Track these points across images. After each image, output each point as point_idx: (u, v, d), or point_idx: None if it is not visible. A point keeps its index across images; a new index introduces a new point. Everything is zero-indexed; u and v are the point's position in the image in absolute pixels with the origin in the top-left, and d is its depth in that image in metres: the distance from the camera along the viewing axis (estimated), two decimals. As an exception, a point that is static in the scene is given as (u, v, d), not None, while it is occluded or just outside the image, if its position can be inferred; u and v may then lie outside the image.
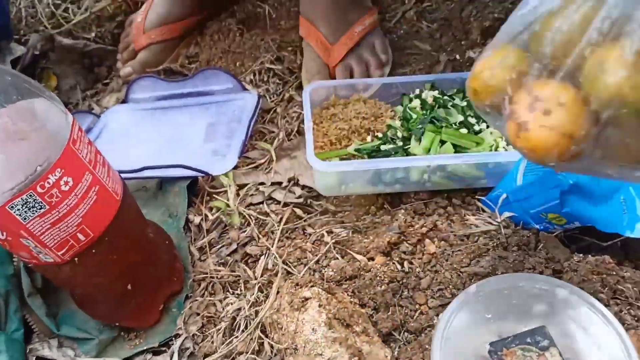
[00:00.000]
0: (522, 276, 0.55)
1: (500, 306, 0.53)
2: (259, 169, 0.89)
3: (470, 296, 0.54)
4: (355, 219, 0.80)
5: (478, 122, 0.81)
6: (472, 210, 0.78)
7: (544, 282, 0.54)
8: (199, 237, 0.84)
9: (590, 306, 0.52)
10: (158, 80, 1.02)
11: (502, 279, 0.54)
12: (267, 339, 0.65)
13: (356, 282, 0.70)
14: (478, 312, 0.53)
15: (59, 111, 0.57)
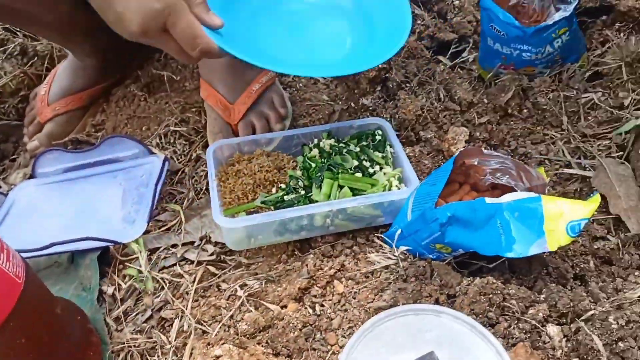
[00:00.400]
0: (410, 307, 0.59)
1: (393, 338, 0.57)
2: (171, 231, 0.90)
3: (365, 332, 0.57)
4: (268, 269, 0.83)
5: (372, 165, 0.87)
6: (375, 247, 0.83)
7: (430, 311, 0.58)
8: (114, 307, 0.83)
9: (472, 328, 0.57)
10: (64, 152, 1.03)
11: (392, 312, 0.58)
12: (183, 403, 0.65)
13: (270, 332, 0.73)
14: (373, 347, 0.56)
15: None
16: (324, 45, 0.81)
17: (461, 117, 0.96)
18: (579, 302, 0.68)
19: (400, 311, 0.59)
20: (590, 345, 0.62)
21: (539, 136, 0.92)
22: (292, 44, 0.81)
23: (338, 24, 0.83)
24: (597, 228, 0.81)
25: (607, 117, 0.87)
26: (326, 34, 0.83)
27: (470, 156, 0.78)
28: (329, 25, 0.83)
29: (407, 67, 1.01)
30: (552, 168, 0.89)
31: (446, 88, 0.99)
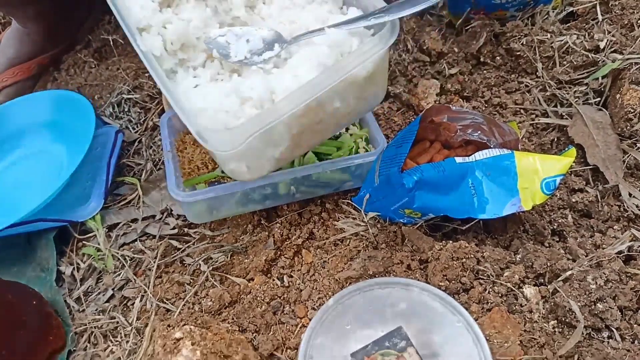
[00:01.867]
0: (377, 281, 0.56)
1: (359, 314, 0.54)
2: (130, 205, 0.86)
3: (329, 309, 0.54)
4: (234, 240, 0.79)
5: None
6: (345, 212, 0.79)
7: (396, 284, 0.55)
8: (74, 287, 0.80)
9: (441, 300, 0.54)
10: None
11: (357, 287, 0.55)
12: (143, 389, 0.63)
13: (236, 308, 0.69)
14: (338, 324, 0.53)
15: None
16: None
17: (431, 69, 0.90)
18: (556, 262, 0.65)
19: (366, 285, 0.55)
20: (568, 307, 0.60)
21: (513, 85, 0.87)
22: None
23: None
24: (575, 180, 0.77)
25: (583, 61, 0.82)
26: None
27: (438, 113, 0.73)
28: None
29: (374, 17, 0.94)
30: (528, 118, 0.85)
31: (414, 38, 0.93)
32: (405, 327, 0.52)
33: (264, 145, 0.62)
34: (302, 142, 0.66)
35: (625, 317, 0.61)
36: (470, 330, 0.51)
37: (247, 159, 0.63)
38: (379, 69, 0.63)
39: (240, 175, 0.66)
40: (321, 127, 0.65)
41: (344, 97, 0.63)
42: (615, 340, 0.60)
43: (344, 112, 0.66)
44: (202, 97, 0.65)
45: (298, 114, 0.59)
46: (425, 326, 0.53)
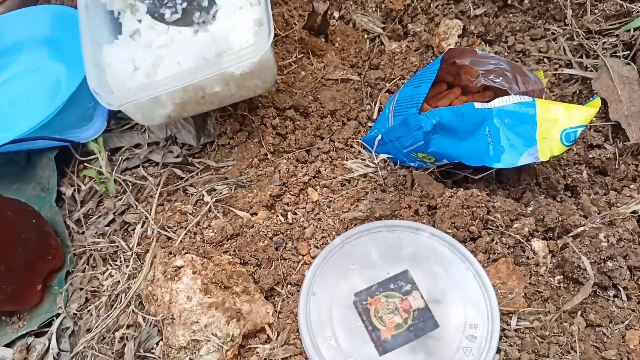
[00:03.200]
0: (385, 223, 0.54)
1: (365, 255, 0.53)
2: (134, 130, 0.83)
3: (335, 248, 0.53)
4: (239, 173, 0.77)
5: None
6: (354, 152, 0.77)
7: (406, 227, 0.54)
8: (74, 209, 0.79)
9: (451, 246, 0.53)
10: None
11: (365, 228, 0.54)
12: (141, 313, 0.62)
13: (238, 240, 0.68)
14: (343, 264, 0.52)
15: None
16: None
17: (455, 8, 0.86)
18: (568, 217, 0.64)
19: (374, 227, 0.54)
20: (577, 264, 0.59)
21: (539, 31, 0.83)
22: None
23: None
24: (594, 135, 0.75)
25: (616, 10, 0.78)
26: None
27: (461, 56, 0.70)
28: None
29: (399, -52, 0.89)
30: (552, 67, 0.81)
31: (440, -26, 0.88)
32: (411, 271, 0.51)
33: (151, 106, 0.68)
34: (187, 109, 0.71)
35: (634, 277, 0.60)
36: (478, 278, 0.50)
37: (139, 111, 0.69)
38: (257, 68, 0.66)
39: (137, 119, 0.73)
40: (204, 101, 0.70)
41: (222, 85, 0.67)
42: (621, 300, 0.60)
43: (226, 95, 0.70)
44: (112, 53, 0.71)
45: (177, 91, 0.66)
46: (433, 271, 0.52)
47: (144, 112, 0.70)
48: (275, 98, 0.82)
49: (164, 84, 0.64)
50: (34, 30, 0.90)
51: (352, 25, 0.90)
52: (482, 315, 0.50)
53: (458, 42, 0.83)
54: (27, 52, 0.90)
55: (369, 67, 0.86)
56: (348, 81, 0.84)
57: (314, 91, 0.83)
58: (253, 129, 0.80)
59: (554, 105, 0.62)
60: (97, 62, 0.70)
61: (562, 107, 0.62)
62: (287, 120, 0.81)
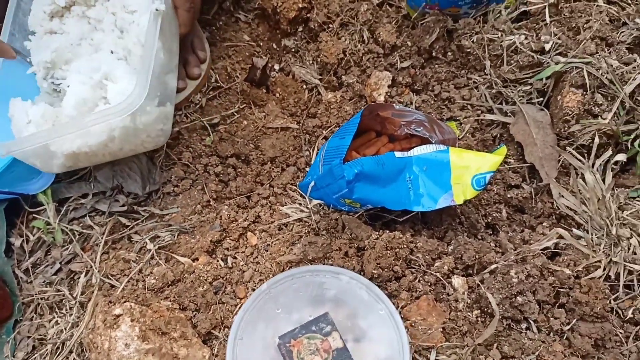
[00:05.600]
0: (308, 268, 0.59)
1: (290, 299, 0.57)
2: (82, 180, 0.86)
3: (262, 294, 0.57)
4: (182, 220, 0.81)
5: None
6: (292, 197, 0.82)
7: (327, 272, 0.58)
8: (23, 258, 0.81)
9: (367, 289, 0.57)
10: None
11: (290, 273, 0.58)
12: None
13: (178, 286, 0.72)
14: (269, 309, 0.56)
15: None
16: None
17: (384, 61, 0.92)
18: (484, 254, 0.69)
19: (298, 272, 0.58)
20: (489, 299, 0.64)
21: (462, 80, 0.90)
22: None
23: None
24: (513, 176, 0.81)
25: (529, 61, 0.85)
26: None
27: (384, 110, 0.76)
28: None
29: (330, 6, 0.95)
30: (474, 113, 0.88)
31: (370, 29, 0.95)
32: (332, 313, 0.55)
33: (45, 156, 0.74)
34: (80, 159, 0.76)
35: (543, 310, 0.66)
36: (392, 319, 0.55)
37: (37, 160, 0.75)
38: (125, 133, 0.71)
39: (37, 167, 0.77)
40: (93, 154, 0.75)
41: (101, 140, 0.71)
42: (532, 332, 0.65)
43: (114, 149, 0.74)
44: (15, 105, 0.77)
45: (60, 144, 0.71)
46: (352, 312, 0.56)
47: (41, 161, 0.76)
48: (218, 147, 0.86)
49: (28, 139, 0.70)
50: None
51: (292, 77, 0.96)
52: (395, 352, 0.54)
53: (388, 92, 0.90)
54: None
55: (307, 115, 0.92)
56: (287, 129, 0.89)
57: (255, 139, 0.88)
58: (197, 176, 0.84)
59: (466, 153, 0.68)
60: (3, 113, 0.77)
61: (473, 154, 0.68)
62: (229, 168, 0.85)
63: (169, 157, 0.86)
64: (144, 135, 0.72)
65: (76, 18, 0.79)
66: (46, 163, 0.75)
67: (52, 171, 0.78)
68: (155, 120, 0.73)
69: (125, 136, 0.71)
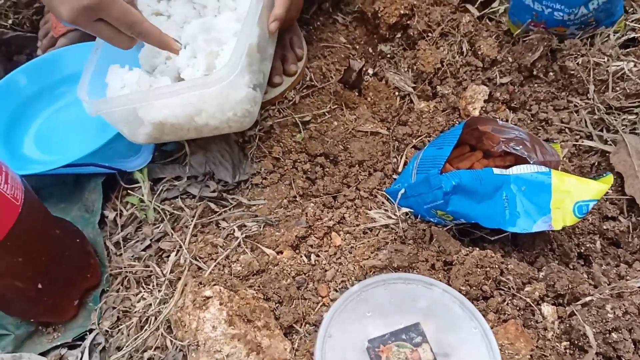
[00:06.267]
0: (401, 276, 0.59)
1: (381, 304, 0.57)
2: (175, 162, 0.90)
3: (353, 295, 0.57)
4: (268, 212, 0.83)
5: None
6: (378, 203, 0.82)
7: (420, 281, 0.58)
8: (114, 231, 0.85)
9: (461, 304, 0.56)
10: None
11: (382, 278, 0.58)
12: (169, 337, 0.67)
13: (263, 277, 0.73)
14: (360, 310, 0.57)
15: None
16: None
17: (482, 75, 0.91)
18: (578, 285, 0.67)
19: (391, 278, 0.58)
20: (582, 332, 0.62)
21: (562, 102, 0.88)
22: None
23: None
24: (610, 207, 0.78)
25: (636, 89, 0.82)
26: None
27: (484, 123, 0.75)
28: None
29: (431, 14, 0.95)
30: (572, 138, 0.85)
31: (470, 41, 0.94)
32: (422, 324, 0.55)
33: (133, 122, 0.76)
34: (165, 132, 0.78)
35: (638, 350, 0.63)
36: (486, 338, 0.54)
37: (126, 126, 0.78)
38: (219, 100, 0.72)
39: (124, 134, 0.80)
40: (180, 128, 0.77)
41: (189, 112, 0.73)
42: (624, 371, 0.63)
43: (199, 124, 0.76)
44: (112, 71, 0.80)
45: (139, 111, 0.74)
46: (443, 326, 0.56)
47: (129, 128, 0.79)
48: (307, 144, 0.88)
49: (122, 99, 0.73)
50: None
51: (385, 83, 0.96)
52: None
53: (483, 107, 0.89)
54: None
55: (398, 122, 0.92)
56: (377, 134, 0.90)
57: (344, 141, 0.89)
58: (285, 171, 0.86)
59: (569, 178, 0.67)
60: (98, 75, 0.80)
61: (576, 180, 0.66)
62: (317, 167, 0.86)
63: (260, 150, 0.88)
64: (230, 113, 0.74)
65: (182, 1, 0.82)
66: (133, 131, 0.78)
67: (138, 141, 0.80)
68: (244, 100, 0.74)
69: (213, 110, 0.73)
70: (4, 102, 0.95)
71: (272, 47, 0.86)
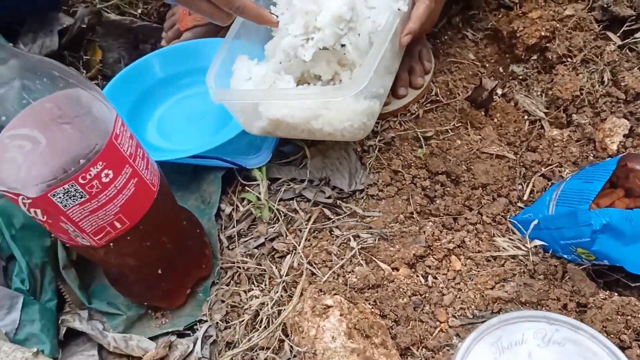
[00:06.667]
0: (545, 314, 0.55)
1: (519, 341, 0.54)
2: (292, 164, 0.90)
3: (490, 328, 0.54)
4: (383, 226, 0.81)
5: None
6: (502, 230, 0.78)
7: (565, 323, 0.54)
8: (229, 226, 0.85)
9: (612, 354, 0.52)
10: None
11: (523, 315, 0.55)
12: (288, 340, 0.67)
13: (379, 292, 0.71)
14: (497, 345, 0.54)
15: (104, 107, 0.59)
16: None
17: (624, 108, 0.86)
18: None
19: (533, 316, 0.55)
20: None
21: None
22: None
23: None
24: None
25: None
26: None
27: (634, 160, 0.70)
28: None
29: (573, 39, 0.90)
30: None
31: (613, 71, 0.89)
32: (565, 368, 0.51)
33: (251, 114, 0.78)
34: (280, 128, 0.78)
35: None
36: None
37: (242, 116, 0.80)
38: (332, 115, 0.72)
39: (240, 123, 0.82)
40: (294, 129, 0.77)
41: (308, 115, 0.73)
42: None
43: (314, 127, 0.75)
44: (241, 62, 0.80)
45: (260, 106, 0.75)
46: (587, 373, 0.52)
47: (246, 118, 0.80)
48: (428, 160, 0.85)
49: (249, 94, 0.75)
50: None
51: (514, 105, 0.92)
52: None
53: (622, 142, 0.83)
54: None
55: (526, 148, 0.87)
56: (503, 158, 0.86)
57: (467, 161, 0.86)
58: (403, 186, 0.84)
59: None
60: (226, 64, 0.81)
61: None
62: (437, 185, 0.84)
63: (378, 161, 0.86)
64: (347, 123, 0.73)
65: None
66: (249, 122, 0.80)
67: (252, 131, 0.82)
68: (362, 113, 0.73)
69: (330, 118, 0.72)
70: (136, 82, 0.97)
71: (398, 61, 0.85)
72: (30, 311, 0.73)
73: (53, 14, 1.08)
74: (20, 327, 0.72)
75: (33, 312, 0.73)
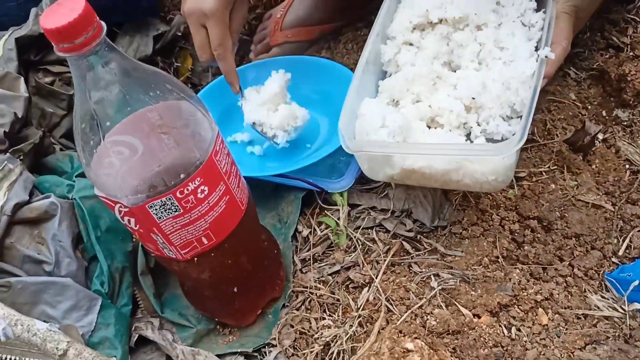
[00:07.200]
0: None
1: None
2: (374, 192, 0.87)
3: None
4: (465, 267, 0.77)
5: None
6: (594, 286, 0.73)
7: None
8: (304, 248, 0.84)
9: None
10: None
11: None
12: (361, 380, 0.64)
13: (459, 339, 0.68)
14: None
15: (207, 123, 0.59)
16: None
17: None
18: None
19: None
20: None
21: None
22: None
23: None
24: None
25: None
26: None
27: None
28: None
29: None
30: None
31: None
32: None
33: (381, 162, 0.74)
34: (411, 177, 0.74)
35: None
36: None
37: (368, 163, 0.76)
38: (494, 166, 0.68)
39: (364, 170, 0.79)
40: (430, 177, 0.72)
41: (452, 168, 0.70)
42: None
43: (452, 179, 0.71)
44: (370, 106, 0.76)
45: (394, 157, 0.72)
46: None
47: (372, 166, 0.76)
48: (519, 203, 0.81)
49: (398, 147, 0.71)
50: (308, 79, 0.99)
51: (615, 152, 0.87)
52: None
53: None
54: (300, 94, 0.98)
55: (626, 200, 0.82)
56: (600, 208, 0.81)
57: (561, 208, 0.81)
58: (489, 227, 0.80)
59: None
60: (354, 109, 0.76)
61: None
62: (526, 229, 0.79)
63: (465, 198, 0.83)
64: (491, 177, 0.68)
65: (438, 37, 0.78)
66: (375, 169, 0.76)
67: (376, 178, 0.78)
68: (509, 167, 0.69)
69: (473, 171, 0.68)
70: (228, 91, 0.96)
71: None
72: (107, 315, 0.74)
73: (151, 19, 1.10)
74: (96, 330, 0.73)
75: (109, 315, 0.74)
